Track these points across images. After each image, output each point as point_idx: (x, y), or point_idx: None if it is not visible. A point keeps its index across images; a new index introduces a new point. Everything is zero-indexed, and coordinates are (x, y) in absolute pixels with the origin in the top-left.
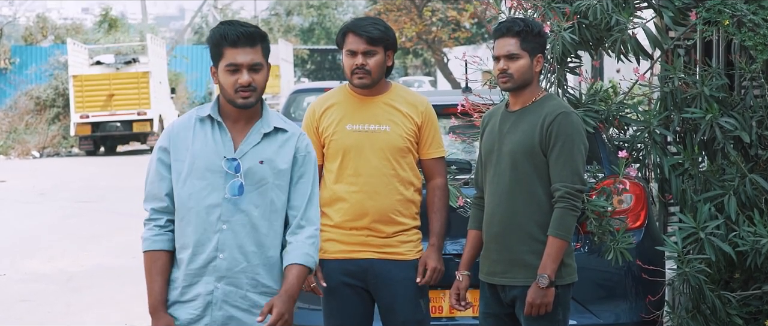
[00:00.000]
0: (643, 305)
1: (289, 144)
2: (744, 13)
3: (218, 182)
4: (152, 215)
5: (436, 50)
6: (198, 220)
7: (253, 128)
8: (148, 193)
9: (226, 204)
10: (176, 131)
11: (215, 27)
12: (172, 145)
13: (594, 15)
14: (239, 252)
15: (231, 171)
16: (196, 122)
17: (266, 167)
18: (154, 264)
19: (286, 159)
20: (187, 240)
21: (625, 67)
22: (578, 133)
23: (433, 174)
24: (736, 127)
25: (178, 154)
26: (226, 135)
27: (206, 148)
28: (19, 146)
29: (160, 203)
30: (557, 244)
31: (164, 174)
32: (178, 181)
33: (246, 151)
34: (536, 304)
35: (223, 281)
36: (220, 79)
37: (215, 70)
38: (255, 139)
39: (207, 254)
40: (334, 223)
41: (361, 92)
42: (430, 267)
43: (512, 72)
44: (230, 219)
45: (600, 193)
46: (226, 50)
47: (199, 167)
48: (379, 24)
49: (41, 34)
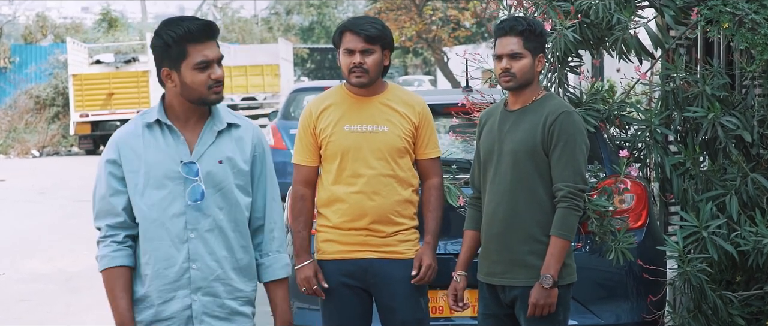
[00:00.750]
0: (645, 305)
1: (245, 140)
2: (745, 12)
3: (178, 189)
4: (108, 232)
5: (436, 49)
6: (164, 232)
7: (206, 127)
8: (99, 210)
9: (190, 212)
10: (124, 141)
11: (166, 27)
12: (121, 156)
13: (595, 14)
14: (212, 259)
15: (190, 176)
16: (144, 129)
17: (226, 166)
18: (117, 281)
19: (244, 157)
20: (155, 255)
21: (625, 66)
22: (580, 132)
23: (430, 174)
24: (738, 126)
25: (130, 165)
26: (179, 138)
27: (160, 155)
28: (19, 145)
29: (116, 218)
30: (560, 244)
31: (118, 187)
32: (135, 194)
33: (202, 152)
34: (540, 305)
35: (200, 292)
36: (184, 78)
37: (170, 71)
38: (210, 139)
39: (179, 266)
40: (332, 224)
41: (358, 92)
42: (424, 265)
43: (515, 71)
44: (197, 226)
45: (601, 193)
46: (191, 47)
47: (156, 176)
48: (376, 23)
49: (41, 33)
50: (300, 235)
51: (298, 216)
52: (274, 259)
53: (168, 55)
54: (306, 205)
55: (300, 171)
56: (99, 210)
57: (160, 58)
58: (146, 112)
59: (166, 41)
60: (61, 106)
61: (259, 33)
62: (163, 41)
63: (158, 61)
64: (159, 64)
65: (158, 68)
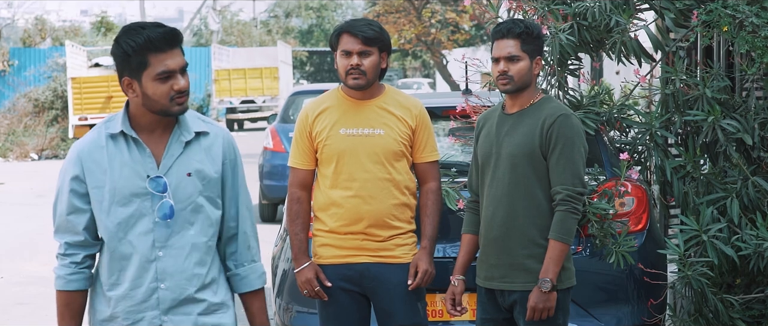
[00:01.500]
0: (645, 308)
1: (214, 148)
2: (746, 14)
3: (145, 206)
4: (67, 250)
5: (435, 52)
6: (131, 250)
7: (172, 137)
8: (59, 226)
9: (159, 229)
10: (87, 153)
11: (126, 34)
12: (85, 171)
13: (592, 16)
14: (182, 277)
15: (157, 192)
16: (108, 139)
17: (195, 179)
18: (68, 307)
19: (214, 167)
20: (121, 275)
21: (624, 69)
22: (578, 135)
23: (427, 177)
24: (739, 129)
25: (94, 181)
26: (144, 151)
27: (126, 170)
28: (18, 148)
29: (76, 237)
30: (559, 248)
31: (79, 205)
32: (101, 211)
33: (170, 165)
34: (539, 309)
35: (170, 313)
36: (145, 89)
37: (131, 80)
38: (177, 150)
39: (146, 286)
40: (329, 228)
41: (355, 95)
42: (421, 270)
43: (512, 74)
44: (166, 243)
45: (601, 196)
46: (152, 57)
47: (123, 193)
48: (373, 25)
49: (40, 36)
50: (298, 238)
51: (295, 219)
52: (249, 269)
53: (128, 65)
54: (303, 208)
55: (296, 175)
56: (58, 226)
57: (121, 67)
58: (110, 120)
59: (126, 50)
60: (60, 109)
61: (258, 36)
62: (122, 50)
63: (119, 70)
64: (120, 73)
65: (120, 77)
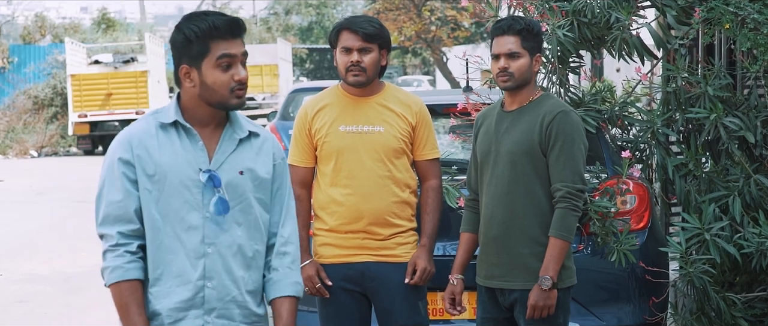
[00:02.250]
0: (647, 307)
1: (265, 150)
2: (748, 12)
3: (196, 199)
4: (120, 240)
5: (435, 49)
6: (179, 245)
7: (225, 133)
8: (109, 214)
9: (208, 225)
10: (138, 139)
11: (189, 21)
12: (135, 156)
13: (592, 13)
14: (229, 278)
15: (210, 185)
16: (158, 129)
17: (247, 178)
18: (133, 297)
19: (266, 168)
20: (165, 270)
21: (625, 67)
22: (578, 132)
23: (428, 175)
24: (741, 127)
25: (144, 167)
26: (197, 143)
27: (178, 160)
28: (17, 145)
29: (131, 225)
30: (559, 245)
31: (131, 190)
32: (149, 200)
33: (222, 161)
34: (539, 307)
35: (213, 313)
36: (205, 77)
37: (190, 69)
38: (230, 147)
39: (193, 284)
40: (329, 227)
41: (355, 92)
42: (419, 268)
43: (513, 71)
44: (215, 241)
45: (603, 194)
46: (215, 44)
47: (173, 182)
48: (374, 21)
49: (39, 33)
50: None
51: (296, 217)
52: (283, 274)
53: (188, 52)
54: (302, 206)
55: (295, 172)
56: (107, 216)
57: (180, 54)
58: (159, 111)
59: (188, 36)
60: (60, 106)
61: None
62: (184, 36)
63: (177, 57)
64: (178, 61)
65: (177, 65)
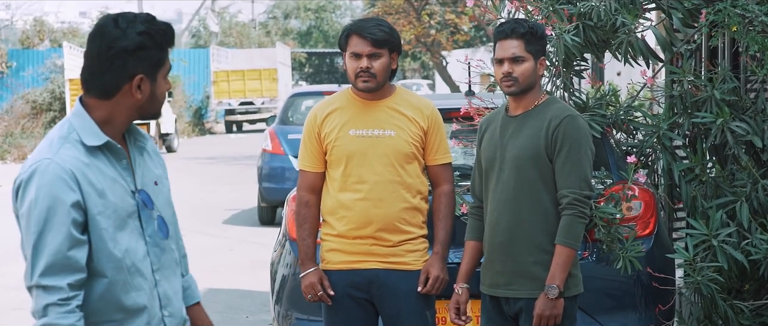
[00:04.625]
0: (653, 315)
1: (155, 152)
2: (756, 14)
3: (136, 225)
4: (69, 293)
5: (435, 53)
6: (142, 281)
7: (129, 143)
8: (54, 263)
9: (152, 250)
10: (80, 174)
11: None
12: (84, 195)
13: (598, 16)
14: (176, 299)
15: (148, 207)
16: (87, 155)
17: (161, 187)
18: None
19: (165, 172)
20: (133, 308)
21: (626, 70)
22: (585, 137)
23: (440, 180)
24: (748, 131)
25: (96, 206)
26: (123, 162)
27: (117, 187)
28: (16, 150)
29: (79, 275)
30: (566, 253)
31: (80, 238)
32: (106, 241)
33: (142, 176)
34: (545, 316)
35: None
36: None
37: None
38: (139, 158)
39: (158, 318)
40: (337, 233)
41: (365, 96)
42: (432, 276)
43: (517, 75)
44: (160, 265)
45: (608, 200)
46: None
47: (120, 215)
48: (383, 25)
49: (38, 38)
50: (305, 243)
51: (303, 223)
52: (190, 279)
53: (149, 60)
54: (311, 212)
55: (305, 178)
56: (52, 265)
57: (137, 61)
58: (70, 131)
59: (158, 42)
60: (58, 110)
61: (257, 37)
62: (154, 42)
63: (132, 65)
64: (132, 71)
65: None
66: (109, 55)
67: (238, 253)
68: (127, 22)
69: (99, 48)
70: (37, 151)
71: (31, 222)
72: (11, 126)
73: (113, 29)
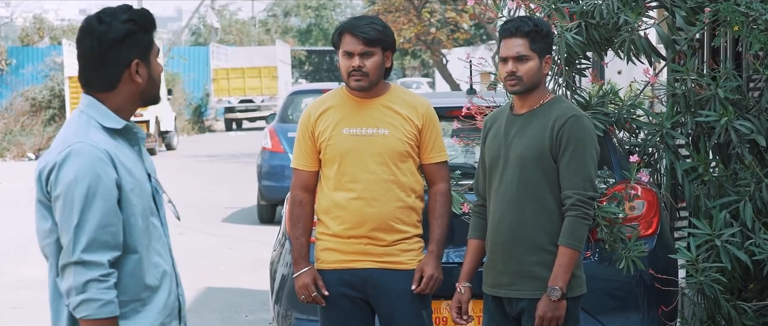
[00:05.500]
0: (656, 315)
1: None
2: (759, 12)
3: (154, 207)
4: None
5: (435, 51)
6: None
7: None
8: (96, 239)
9: (165, 231)
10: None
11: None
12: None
13: (600, 15)
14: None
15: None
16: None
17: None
18: None
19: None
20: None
21: (627, 69)
22: (590, 137)
23: (436, 179)
24: (752, 130)
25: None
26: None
27: (138, 168)
28: (15, 148)
29: (116, 253)
30: (569, 254)
31: (120, 214)
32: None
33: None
34: (548, 317)
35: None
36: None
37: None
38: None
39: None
40: (332, 232)
41: (359, 95)
42: (426, 275)
43: (521, 74)
44: (171, 246)
45: (611, 199)
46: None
47: (146, 194)
48: (376, 23)
49: (38, 35)
50: (298, 242)
51: (297, 222)
52: None
53: (139, 44)
54: (304, 211)
55: (299, 176)
56: (94, 241)
57: (129, 48)
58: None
59: (144, 26)
60: (58, 108)
61: (257, 35)
62: (140, 27)
63: (125, 53)
64: (126, 58)
65: (127, 61)
66: (102, 49)
67: (238, 252)
68: (110, 16)
69: (91, 45)
70: (61, 139)
71: (73, 200)
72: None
73: (99, 25)
